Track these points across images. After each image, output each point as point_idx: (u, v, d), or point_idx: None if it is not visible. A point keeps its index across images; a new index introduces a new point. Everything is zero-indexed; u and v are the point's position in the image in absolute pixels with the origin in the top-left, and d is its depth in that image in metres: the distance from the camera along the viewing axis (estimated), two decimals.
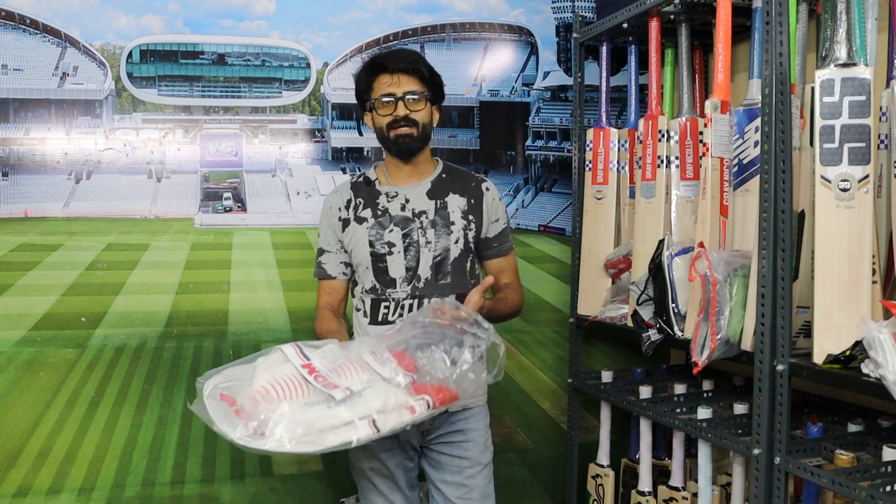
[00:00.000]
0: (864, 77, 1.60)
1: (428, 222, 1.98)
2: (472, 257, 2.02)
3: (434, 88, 1.99)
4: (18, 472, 2.30)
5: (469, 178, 2.07)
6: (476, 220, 2.02)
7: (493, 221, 2.05)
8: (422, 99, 1.95)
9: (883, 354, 1.40)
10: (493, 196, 2.06)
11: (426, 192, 2.01)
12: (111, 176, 2.46)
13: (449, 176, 2.06)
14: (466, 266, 2.01)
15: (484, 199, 2.04)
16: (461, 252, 1.99)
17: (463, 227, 2.00)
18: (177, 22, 2.49)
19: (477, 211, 2.02)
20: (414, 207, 1.99)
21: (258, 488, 2.51)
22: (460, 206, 2.01)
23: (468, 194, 2.03)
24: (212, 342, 2.50)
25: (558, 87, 2.90)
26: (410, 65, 1.94)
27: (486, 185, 2.07)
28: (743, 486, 1.98)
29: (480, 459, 1.99)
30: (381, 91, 1.94)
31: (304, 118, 2.64)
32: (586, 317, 2.51)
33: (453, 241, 1.98)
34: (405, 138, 1.95)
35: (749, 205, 1.88)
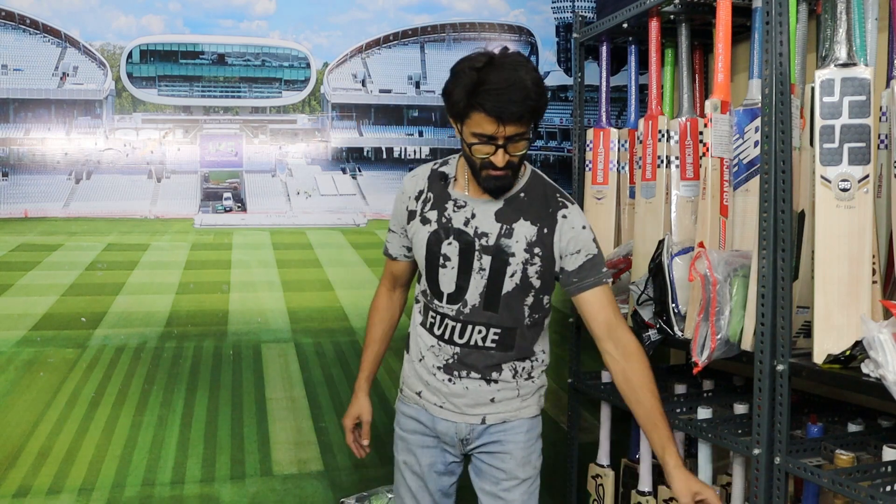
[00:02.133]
0: (864, 77, 1.60)
1: (487, 247, 1.78)
2: (535, 293, 1.81)
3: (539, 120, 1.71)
4: (18, 472, 2.30)
5: (550, 201, 1.80)
6: (543, 253, 1.78)
7: (571, 253, 1.78)
8: (524, 141, 1.69)
9: (883, 354, 1.40)
10: (570, 224, 1.78)
11: (496, 211, 1.79)
12: (111, 176, 2.46)
13: (528, 196, 1.80)
14: (526, 301, 1.81)
15: (557, 230, 1.78)
16: (516, 287, 1.79)
17: (524, 262, 1.78)
18: (177, 22, 2.49)
19: (547, 242, 1.78)
20: (477, 226, 1.79)
21: (258, 488, 2.51)
22: (527, 236, 1.78)
23: (541, 222, 1.78)
24: (212, 342, 2.50)
25: (558, 87, 2.90)
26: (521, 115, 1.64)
27: (565, 213, 1.79)
28: (743, 486, 1.98)
29: (517, 474, 1.85)
30: (480, 128, 1.66)
31: (304, 118, 2.64)
32: None
33: (508, 275, 1.78)
34: (499, 181, 1.73)
35: (749, 205, 1.88)
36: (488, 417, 1.86)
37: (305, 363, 2.58)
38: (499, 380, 1.85)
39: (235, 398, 2.51)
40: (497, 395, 1.86)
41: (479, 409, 1.86)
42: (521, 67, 1.66)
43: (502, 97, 1.61)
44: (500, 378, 1.85)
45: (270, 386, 2.54)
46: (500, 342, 1.83)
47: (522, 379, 1.87)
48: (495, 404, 1.86)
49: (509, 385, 1.86)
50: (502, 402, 1.86)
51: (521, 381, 1.87)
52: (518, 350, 1.85)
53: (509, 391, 1.87)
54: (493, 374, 1.85)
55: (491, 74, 1.63)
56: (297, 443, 2.55)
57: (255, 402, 2.52)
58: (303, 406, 2.57)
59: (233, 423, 2.50)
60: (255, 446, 2.51)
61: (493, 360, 1.84)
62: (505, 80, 1.62)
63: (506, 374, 1.86)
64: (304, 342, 2.59)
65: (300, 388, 2.57)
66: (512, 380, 1.86)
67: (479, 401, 1.86)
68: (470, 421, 1.86)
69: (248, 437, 2.51)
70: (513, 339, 1.83)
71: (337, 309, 2.63)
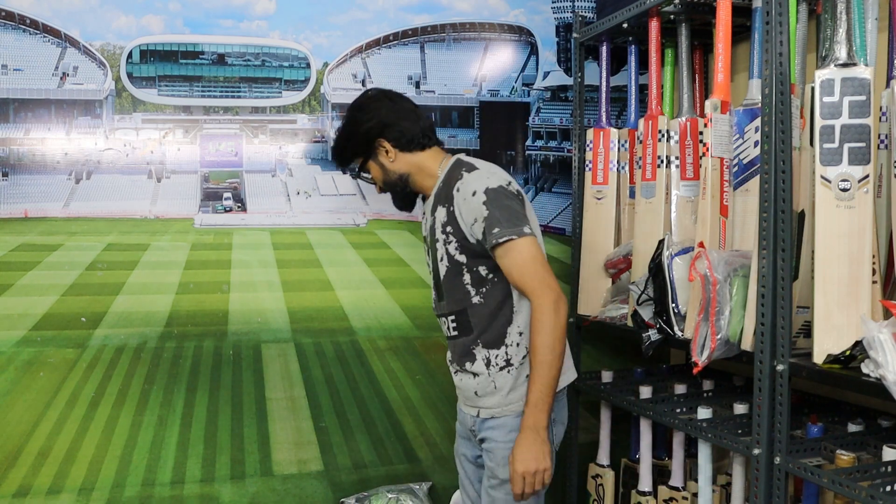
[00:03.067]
0: (864, 77, 1.60)
1: (428, 241, 1.97)
2: (466, 269, 1.85)
3: (355, 154, 1.98)
4: (18, 472, 2.30)
5: (453, 179, 1.86)
6: (454, 230, 1.84)
7: (470, 223, 1.80)
8: (358, 174, 2.00)
9: (883, 354, 1.40)
10: (462, 196, 1.81)
11: (430, 207, 1.95)
12: (111, 176, 2.46)
13: (443, 184, 1.90)
14: (463, 280, 1.86)
15: (455, 204, 1.83)
16: (448, 269, 1.88)
17: (444, 242, 1.87)
18: (177, 22, 2.49)
19: (453, 219, 1.84)
20: (427, 225, 1.98)
21: (258, 488, 2.51)
22: (441, 219, 1.87)
23: (447, 203, 1.86)
24: (212, 342, 2.50)
25: (558, 87, 2.90)
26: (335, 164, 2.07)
27: (458, 186, 1.83)
28: (743, 486, 1.98)
29: (497, 473, 1.85)
30: None
31: (304, 118, 2.64)
32: (586, 317, 2.51)
33: (440, 260, 1.90)
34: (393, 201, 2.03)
35: (749, 205, 1.88)
36: (482, 412, 1.91)
37: (305, 363, 2.58)
38: (475, 371, 1.89)
39: (235, 398, 2.51)
40: (479, 389, 1.90)
41: (472, 401, 1.94)
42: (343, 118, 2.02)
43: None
44: (475, 369, 1.89)
45: (270, 386, 2.54)
46: (458, 327, 1.91)
47: (497, 369, 1.87)
48: (480, 398, 1.90)
49: (485, 377, 1.88)
50: (484, 396, 1.90)
51: (494, 372, 1.87)
52: (480, 333, 1.87)
53: (486, 384, 1.88)
54: (467, 365, 1.91)
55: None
56: (297, 443, 2.55)
57: (255, 402, 2.52)
58: (303, 406, 2.57)
59: (233, 423, 2.50)
60: (255, 446, 2.51)
61: (462, 348, 1.91)
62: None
63: (479, 365, 1.88)
64: (304, 342, 2.59)
65: (300, 388, 2.57)
66: (485, 370, 1.88)
67: (468, 394, 1.94)
68: (471, 413, 1.95)
69: (248, 437, 2.51)
70: (467, 321, 1.88)
71: (337, 309, 2.63)
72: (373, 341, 2.64)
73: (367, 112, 1.93)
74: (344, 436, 2.60)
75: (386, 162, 1.94)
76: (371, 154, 1.94)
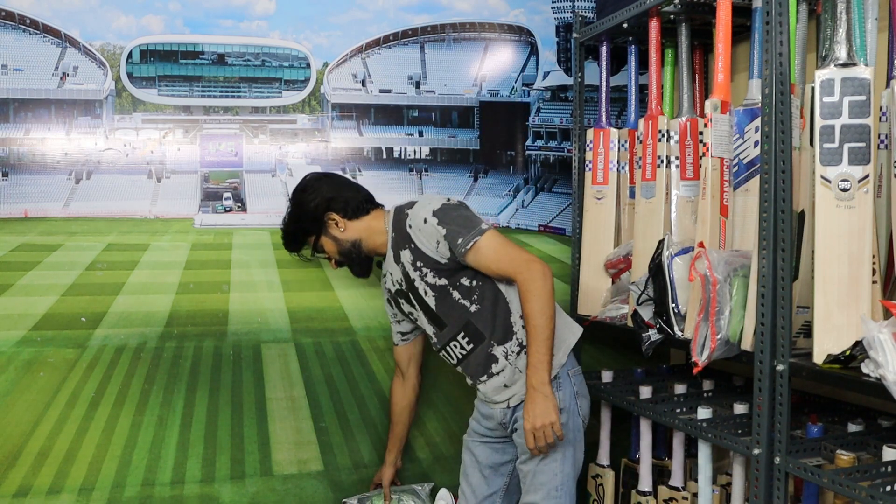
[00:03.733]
0: (864, 77, 1.60)
1: (406, 288, 2.11)
2: (451, 286, 2.04)
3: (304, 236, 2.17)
4: (18, 472, 2.30)
5: (402, 221, 2.06)
6: (424, 262, 2.03)
7: (433, 247, 2.00)
8: (318, 252, 2.19)
9: (883, 354, 1.40)
10: (417, 228, 2.01)
11: (392, 260, 2.12)
12: (111, 176, 2.46)
13: (395, 232, 2.09)
14: (454, 298, 2.05)
15: (414, 239, 2.03)
16: (436, 298, 2.06)
17: (420, 277, 2.05)
18: (177, 22, 2.49)
19: (418, 253, 2.03)
20: (396, 279, 2.13)
21: (258, 488, 2.51)
22: (408, 260, 2.06)
23: (406, 243, 2.05)
24: (212, 342, 2.50)
25: (558, 87, 2.90)
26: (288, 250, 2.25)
27: (409, 223, 2.04)
28: (743, 486, 1.98)
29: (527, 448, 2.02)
30: None
31: (304, 118, 2.64)
32: (586, 317, 2.51)
33: (423, 294, 2.07)
34: (351, 270, 2.21)
35: (749, 205, 1.88)
36: (512, 399, 2.08)
37: (305, 363, 2.58)
38: (499, 371, 2.08)
39: (235, 398, 2.51)
40: (507, 381, 2.08)
41: (502, 394, 2.10)
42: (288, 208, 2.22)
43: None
44: (499, 368, 2.08)
45: (270, 386, 2.54)
46: (471, 340, 2.08)
47: (514, 356, 2.07)
48: (509, 388, 2.09)
49: (509, 368, 2.07)
50: (513, 385, 2.08)
51: (514, 360, 2.07)
52: (491, 333, 2.06)
53: (511, 372, 2.07)
54: (493, 368, 2.09)
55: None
56: (297, 443, 2.55)
57: (255, 402, 2.52)
58: (303, 406, 2.57)
59: (233, 423, 2.50)
60: (255, 446, 2.51)
61: (482, 357, 2.08)
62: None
63: (501, 362, 2.08)
64: (304, 342, 2.59)
65: (300, 388, 2.57)
66: (506, 362, 2.07)
67: (496, 390, 2.10)
68: (501, 406, 2.11)
69: (248, 437, 2.51)
70: (476, 330, 2.07)
71: (337, 309, 2.63)
72: (373, 341, 2.64)
73: (311, 192, 2.13)
74: (344, 436, 2.59)
75: (337, 233, 2.13)
76: (322, 230, 2.14)
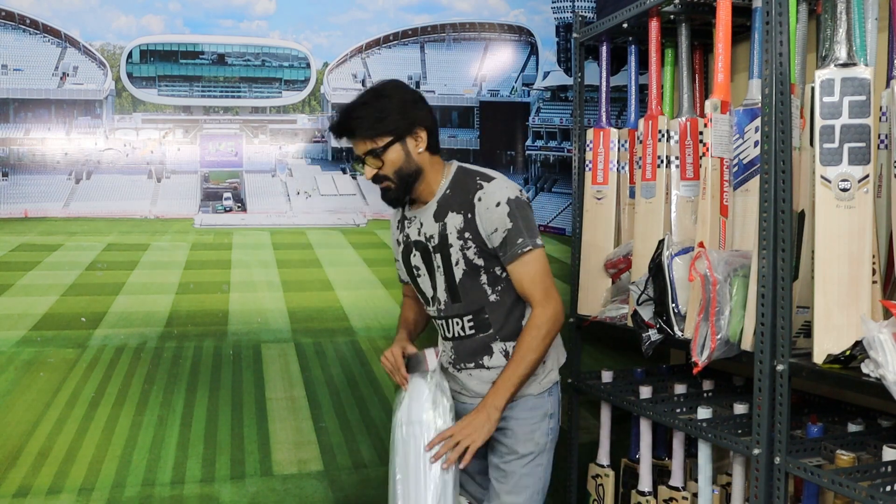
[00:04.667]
0: (864, 77, 1.60)
1: (435, 247, 1.96)
2: (483, 270, 1.94)
3: (389, 132, 1.87)
4: (18, 472, 2.30)
5: (470, 188, 1.93)
6: (473, 236, 1.91)
7: (490, 233, 1.90)
8: (377, 155, 1.88)
9: (883, 354, 1.40)
10: (485, 206, 1.89)
11: (433, 213, 1.97)
12: (111, 176, 2.46)
13: (453, 190, 1.95)
14: (480, 281, 1.94)
15: (476, 212, 1.90)
16: (465, 273, 1.94)
17: (460, 248, 1.93)
18: (177, 22, 2.49)
19: (472, 226, 1.91)
20: (426, 232, 1.98)
21: (258, 488, 2.51)
22: (457, 225, 1.93)
23: (464, 209, 1.92)
24: (212, 342, 2.50)
25: (558, 87, 2.90)
26: (348, 132, 1.90)
27: (479, 195, 1.90)
28: (743, 486, 1.98)
29: (517, 448, 1.97)
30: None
31: (304, 118, 2.64)
32: (586, 317, 2.51)
33: (454, 264, 1.94)
34: (388, 192, 1.95)
35: (749, 205, 1.88)
36: None
37: (305, 363, 2.58)
38: (492, 365, 1.98)
39: (235, 398, 2.51)
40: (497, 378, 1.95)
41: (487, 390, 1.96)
42: (368, 92, 1.93)
43: (336, 120, 1.94)
44: (492, 363, 1.98)
45: (270, 386, 2.54)
46: (476, 326, 1.98)
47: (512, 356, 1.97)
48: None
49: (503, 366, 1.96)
50: None
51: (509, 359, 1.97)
52: (497, 328, 1.97)
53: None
54: (484, 360, 1.99)
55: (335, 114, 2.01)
56: (297, 443, 2.55)
57: (255, 402, 2.52)
58: (303, 406, 2.57)
59: (233, 423, 2.50)
60: (255, 446, 2.51)
61: (478, 345, 1.99)
62: (347, 106, 1.93)
63: (497, 358, 1.98)
64: (304, 342, 2.59)
65: (300, 388, 2.57)
66: (501, 357, 1.98)
67: (483, 385, 1.99)
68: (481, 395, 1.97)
69: (248, 437, 2.51)
70: (485, 320, 1.97)
71: (337, 309, 2.63)
72: (373, 341, 2.64)
73: (418, 99, 1.95)
74: (344, 436, 2.59)
75: (412, 151, 1.91)
76: (404, 136, 1.89)
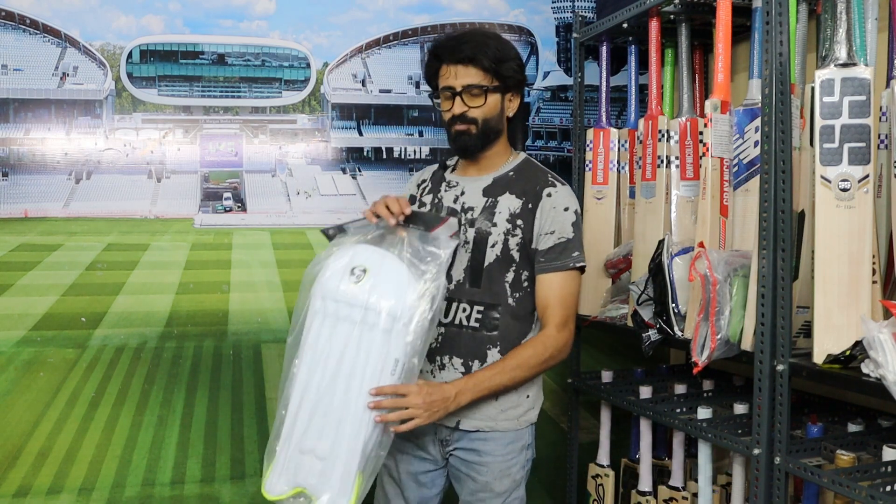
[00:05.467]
0: (864, 77, 1.60)
1: (471, 221, 1.81)
2: (515, 268, 1.80)
3: (503, 77, 1.79)
4: (18, 472, 2.30)
5: (540, 180, 1.83)
6: (525, 226, 1.79)
7: (546, 232, 1.78)
8: (481, 93, 1.77)
9: (883, 354, 1.40)
10: (552, 204, 1.79)
11: (484, 187, 1.84)
12: (111, 176, 2.46)
13: (517, 175, 1.85)
14: (506, 277, 1.80)
15: (541, 206, 1.79)
16: (497, 259, 1.79)
17: (505, 232, 1.79)
18: (177, 22, 2.49)
19: (528, 216, 1.79)
20: (465, 202, 1.84)
21: (258, 488, 2.49)
22: (511, 207, 1.80)
23: (526, 197, 1.80)
24: (212, 342, 2.50)
25: (558, 87, 2.90)
26: (469, 54, 1.75)
27: (550, 192, 1.80)
28: (743, 486, 1.98)
29: (493, 487, 1.79)
30: (441, 83, 1.79)
31: (304, 118, 2.64)
32: (586, 317, 2.50)
33: (490, 245, 1.79)
34: (463, 136, 1.80)
35: (749, 205, 1.88)
36: (463, 422, 1.79)
37: None
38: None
39: (235, 398, 2.51)
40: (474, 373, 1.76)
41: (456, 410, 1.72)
42: (486, 30, 1.79)
43: (452, 41, 1.78)
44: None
45: (270, 386, 2.54)
46: (483, 321, 1.79)
47: None
48: (471, 409, 1.76)
49: None
50: (480, 407, 1.77)
51: None
52: (502, 336, 1.79)
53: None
54: (475, 363, 1.79)
55: (447, 35, 1.84)
56: None
57: (255, 402, 2.52)
58: None
59: (233, 423, 2.50)
60: (255, 446, 2.51)
61: (476, 343, 1.79)
62: (461, 31, 1.81)
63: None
64: None
65: None
66: None
67: None
68: (447, 424, 1.79)
69: (248, 437, 2.51)
70: (493, 320, 1.79)
71: None
72: None
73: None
74: None
75: (506, 106, 1.86)
76: (509, 91, 1.84)
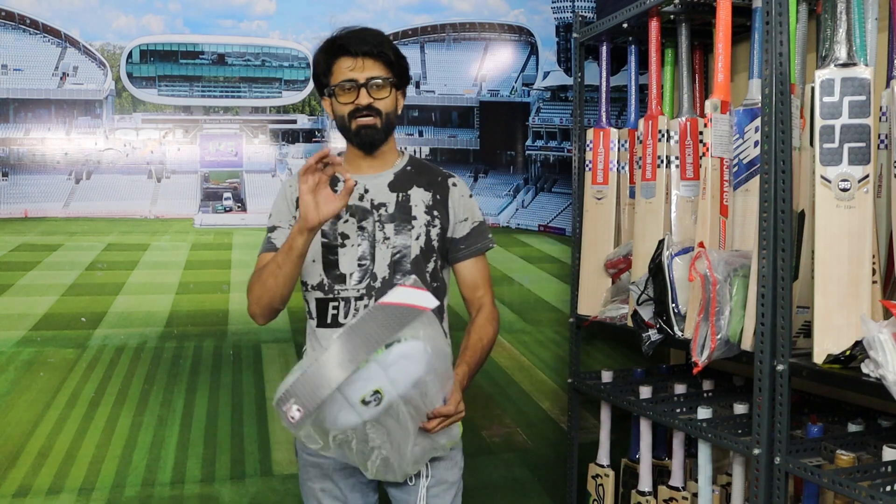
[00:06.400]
0: (864, 77, 1.60)
1: (387, 216, 1.80)
2: (435, 258, 1.83)
3: (400, 73, 1.81)
4: (18, 472, 2.30)
5: (436, 173, 1.89)
6: (441, 216, 1.83)
7: (460, 220, 1.85)
8: (386, 85, 1.77)
9: (883, 354, 1.40)
10: (460, 192, 1.87)
11: (388, 183, 1.84)
12: (111, 176, 2.46)
13: (414, 169, 1.88)
14: (427, 267, 1.81)
15: (450, 196, 1.85)
16: (422, 250, 1.80)
17: (426, 224, 1.81)
18: (177, 22, 2.49)
19: (441, 208, 1.83)
20: (373, 198, 1.82)
21: (258, 488, 2.51)
22: (424, 200, 1.83)
23: (433, 189, 1.85)
24: (212, 342, 2.50)
25: (558, 87, 2.90)
26: (375, 47, 1.76)
27: (454, 181, 1.88)
28: (743, 486, 1.98)
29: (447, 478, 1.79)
30: (342, 76, 1.76)
31: (304, 118, 2.64)
32: (586, 317, 2.51)
33: (413, 238, 1.80)
34: (368, 129, 1.77)
35: (749, 205, 1.88)
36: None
37: None
38: None
39: (235, 398, 2.51)
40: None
41: None
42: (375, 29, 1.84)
43: (355, 35, 1.78)
44: None
45: (270, 386, 2.54)
46: None
47: None
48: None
49: None
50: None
51: None
52: None
53: None
54: None
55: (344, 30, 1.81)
56: None
57: (255, 402, 2.52)
58: None
59: (233, 423, 2.50)
60: (255, 446, 2.51)
61: None
62: (358, 28, 1.81)
63: None
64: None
65: None
66: None
67: None
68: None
69: (248, 437, 2.51)
70: None
71: None
72: None
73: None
74: None
75: (399, 104, 1.87)
76: (402, 87, 1.86)
